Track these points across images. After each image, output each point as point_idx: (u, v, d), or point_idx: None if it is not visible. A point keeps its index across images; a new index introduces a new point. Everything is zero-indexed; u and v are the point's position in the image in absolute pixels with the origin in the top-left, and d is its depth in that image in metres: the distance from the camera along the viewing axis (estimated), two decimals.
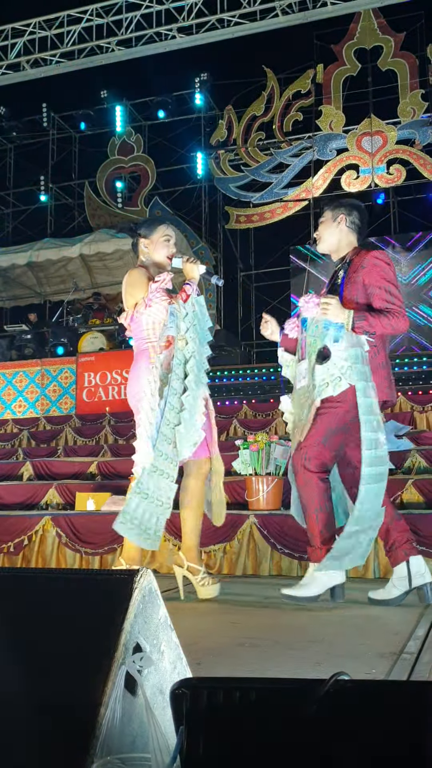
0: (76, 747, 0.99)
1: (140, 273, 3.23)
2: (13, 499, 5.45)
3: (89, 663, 1.07)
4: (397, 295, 2.94)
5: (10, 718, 1.05)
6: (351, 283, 3.02)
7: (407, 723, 0.88)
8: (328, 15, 11.12)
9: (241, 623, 2.66)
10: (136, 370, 3.18)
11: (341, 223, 3.14)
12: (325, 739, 0.90)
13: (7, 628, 1.16)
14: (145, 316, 3.13)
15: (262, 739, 0.94)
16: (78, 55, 12.09)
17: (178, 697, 0.97)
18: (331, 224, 3.16)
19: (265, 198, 13.45)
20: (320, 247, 3.22)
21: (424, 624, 2.46)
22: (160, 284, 3.12)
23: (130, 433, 8.10)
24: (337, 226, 3.14)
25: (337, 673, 0.94)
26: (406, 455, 5.17)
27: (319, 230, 3.21)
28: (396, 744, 0.87)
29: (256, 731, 0.94)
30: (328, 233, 3.17)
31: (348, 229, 3.14)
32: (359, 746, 0.88)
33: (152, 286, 3.12)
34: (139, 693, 1.08)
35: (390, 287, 2.94)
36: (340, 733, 0.90)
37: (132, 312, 3.18)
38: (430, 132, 12.33)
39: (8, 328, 12.33)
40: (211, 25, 11.40)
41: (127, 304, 3.23)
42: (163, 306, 3.10)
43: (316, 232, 3.26)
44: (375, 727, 0.88)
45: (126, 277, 3.28)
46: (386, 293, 2.93)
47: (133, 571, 1.17)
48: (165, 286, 3.14)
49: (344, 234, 3.15)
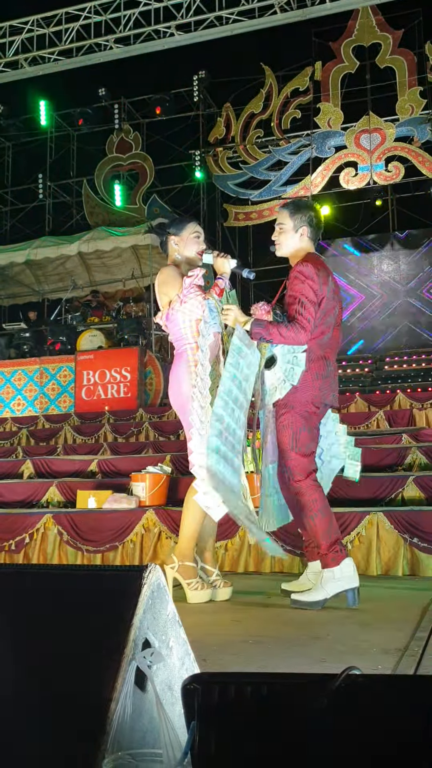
0: (87, 743, 0.99)
1: (172, 270, 3.24)
2: (13, 497, 5.45)
3: (99, 659, 1.07)
4: (308, 309, 2.95)
5: (21, 715, 1.05)
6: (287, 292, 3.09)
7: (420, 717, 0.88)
8: (327, 12, 11.11)
9: (244, 620, 2.66)
10: (176, 374, 3.19)
11: (303, 235, 3.15)
12: (337, 734, 0.90)
13: (17, 625, 1.16)
14: (180, 313, 3.14)
15: (273, 734, 0.93)
16: (76, 53, 12.08)
17: (190, 693, 0.97)
18: (293, 234, 3.15)
19: (264, 195, 13.45)
20: (279, 252, 3.21)
21: (428, 620, 2.46)
22: (193, 280, 3.13)
23: (129, 432, 8.10)
24: (299, 237, 3.15)
25: (349, 667, 0.94)
26: (406, 452, 5.17)
27: (279, 237, 3.18)
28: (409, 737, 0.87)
29: (267, 726, 0.94)
30: (289, 242, 3.16)
31: (309, 240, 3.17)
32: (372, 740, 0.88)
33: (186, 282, 3.13)
34: (149, 688, 1.08)
35: (304, 301, 2.96)
36: (353, 727, 0.89)
37: (167, 310, 3.19)
38: (428, 129, 12.32)
39: (7, 326, 12.32)
40: (210, 23, 11.38)
41: (162, 303, 3.24)
42: (198, 301, 3.11)
43: (274, 235, 3.21)
44: (388, 722, 0.88)
45: (158, 275, 3.29)
46: (299, 305, 2.96)
47: (142, 567, 1.17)
48: (198, 282, 3.15)
49: (305, 243, 3.16)
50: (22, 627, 1.15)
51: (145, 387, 9.97)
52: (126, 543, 4.25)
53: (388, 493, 4.33)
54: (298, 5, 10.97)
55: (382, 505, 4.19)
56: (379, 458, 5.17)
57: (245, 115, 13.62)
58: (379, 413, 7.31)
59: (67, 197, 14.99)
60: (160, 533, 4.19)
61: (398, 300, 13.25)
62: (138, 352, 10.02)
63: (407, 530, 3.70)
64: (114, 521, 4.33)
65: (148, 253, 11.09)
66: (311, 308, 2.95)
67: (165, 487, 4.65)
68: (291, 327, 2.93)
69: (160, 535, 4.20)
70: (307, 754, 0.91)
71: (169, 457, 5.61)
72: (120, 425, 8.44)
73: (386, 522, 3.76)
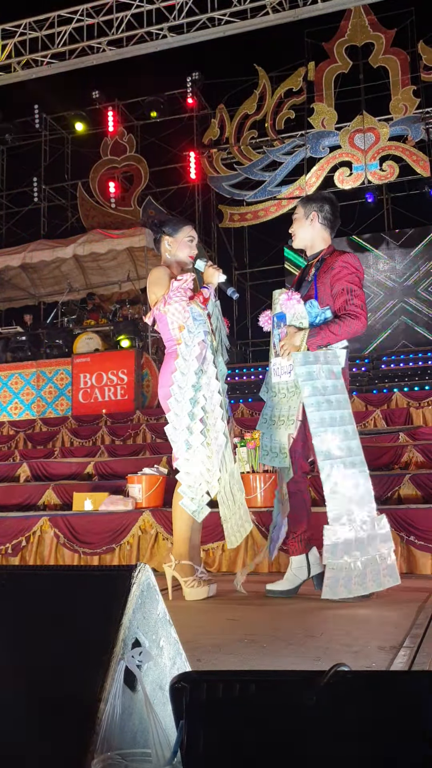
0: (77, 743, 0.99)
1: (162, 271, 3.27)
2: (10, 500, 5.44)
3: (88, 659, 1.07)
4: (360, 296, 3.03)
5: (9, 715, 1.04)
6: (321, 283, 3.10)
7: (408, 713, 0.87)
8: (319, 12, 11.12)
9: (240, 619, 2.66)
10: (165, 374, 3.23)
11: (314, 220, 3.22)
12: (326, 731, 0.89)
13: (6, 626, 1.15)
14: (168, 314, 3.18)
15: (262, 731, 0.93)
16: (69, 56, 12.07)
17: (178, 691, 0.97)
18: (304, 221, 3.24)
19: (259, 196, 13.46)
20: (295, 243, 3.32)
21: (423, 617, 2.46)
22: (182, 284, 3.16)
23: (126, 434, 8.10)
24: (310, 223, 3.23)
25: (337, 664, 0.94)
26: (403, 451, 5.17)
27: (294, 227, 3.29)
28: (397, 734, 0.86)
29: (256, 724, 0.93)
30: (302, 230, 3.26)
31: (321, 225, 3.23)
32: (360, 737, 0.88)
33: (173, 284, 3.16)
34: (138, 688, 1.08)
35: (354, 289, 3.03)
36: (341, 723, 0.89)
37: (154, 310, 3.24)
38: (422, 128, 12.34)
39: (3, 330, 12.31)
40: (202, 24, 11.39)
41: (151, 302, 3.28)
42: (182, 305, 3.12)
43: (290, 228, 3.32)
44: (376, 718, 0.88)
45: (150, 274, 3.33)
46: (349, 294, 3.02)
47: (131, 567, 1.16)
48: (186, 286, 3.17)
49: (317, 230, 3.23)
50: (10, 627, 1.15)
51: (142, 389, 9.97)
52: (123, 545, 4.24)
53: (384, 491, 4.32)
54: (290, 6, 10.98)
55: (379, 503, 4.18)
56: (376, 457, 5.17)
57: (239, 116, 13.63)
58: (376, 412, 7.32)
59: (62, 200, 14.99)
60: (157, 535, 4.19)
61: (394, 299, 13.26)
62: (134, 354, 10.02)
63: (404, 528, 3.70)
64: (110, 523, 4.33)
65: (143, 255, 11.09)
66: (362, 295, 3.04)
67: (161, 488, 4.65)
68: (344, 321, 2.97)
69: (157, 537, 4.19)
70: (295, 752, 0.91)
71: (165, 458, 5.60)
72: (117, 427, 8.43)
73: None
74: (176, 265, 3.34)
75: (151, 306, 3.27)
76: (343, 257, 3.09)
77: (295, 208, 3.33)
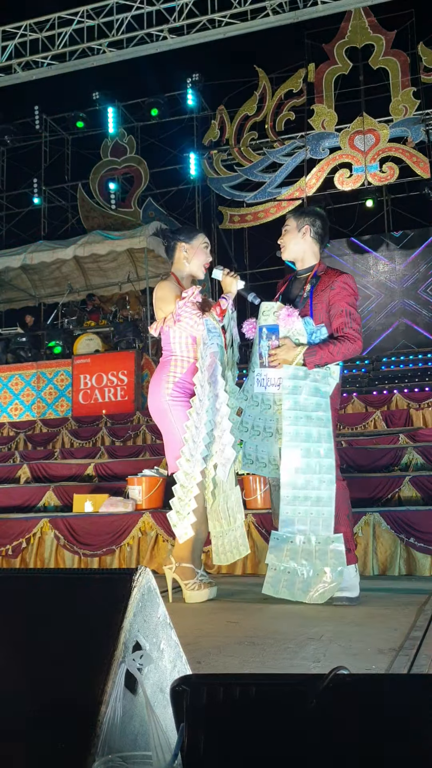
0: (78, 746, 0.99)
1: (170, 286, 3.24)
2: (10, 501, 5.44)
3: (89, 662, 1.07)
4: (357, 320, 3.07)
5: (11, 717, 1.05)
6: (318, 300, 3.10)
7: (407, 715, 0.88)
8: (319, 14, 11.14)
9: (241, 622, 2.66)
10: (157, 382, 3.23)
11: (306, 233, 3.22)
12: (325, 733, 0.90)
13: (8, 628, 1.16)
14: (172, 330, 3.18)
15: (262, 734, 0.94)
16: (69, 57, 12.09)
17: (178, 694, 0.97)
18: (296, 234, 3.23)
19: (259, 197, 13.47)
20: (284, 255, 3.29)
21: (423, 620, 2.47)
22: (188, 299, 3.14)
23: (126, 435, 8.10)
24: (302, 237, 3.22)
25: (337, 667, 0.94)
26: (403, 453, 5.18)
27: (284, 239, 3.26)
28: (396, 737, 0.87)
29: (256, 727, 0.94)
30: (293, 243, 3.24)
31: (312, 239, 3.23)
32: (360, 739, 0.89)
33: (178, 303, 3.15)
34: (139, 691, 1.09)
35: (353, 312, 3.06)
36: (341, 726, 0.90)
37: (161, 325, 3.23)
38: (422, 129, 12.35)
39: (3, 331, 12.31)
40: (202, 26, 11.41)
41: (157, 316, 3.28)
42: (194, 321, 3.12)
43: (280, 239, 3.29)
44: (375, 721, 0.89)
45: (156, 289, 3.30)
46: (348, 317, 3.04)
47: (132, 570, 1.17)
48: (194, 299, 3.16)
49: (308, 244, 3.23)
50: (11, 630, 1.15)
51: (142, 390, 9.97)
52: (123, 546, 4.24)
53: (384, 493, 4.33)
54: (290, 7, 11.00)
55: (379, 505, 4.19)
56: (376, 459, 5.18)
57: (239, 117, 13.64)
58: (376, 413, 7.32)
59: (63, 201, 15.00)
60: (157, 536, 4.19)
61: (394, 300, 13.27)
62: (135, 355, 10.02)
63: (404, 530, 3.70)
64: (110, 525, 4.33)
65: (143, 257, 11.10)
66: (359, 318, 3.10)
67: (161, 490, 4.65)
68: (342, 343, 3.00)
69: (157, 538, 4.19)
70: (295, 754, 0.92)
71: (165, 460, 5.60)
72: (117, 428, 8.43)
73: (383, 522, 3.76)
74: (188, 278, 3.33)
75: (157, 319, 3.27)
76: (342, 278, 3.11)
77: (285, 220, 3.30)
